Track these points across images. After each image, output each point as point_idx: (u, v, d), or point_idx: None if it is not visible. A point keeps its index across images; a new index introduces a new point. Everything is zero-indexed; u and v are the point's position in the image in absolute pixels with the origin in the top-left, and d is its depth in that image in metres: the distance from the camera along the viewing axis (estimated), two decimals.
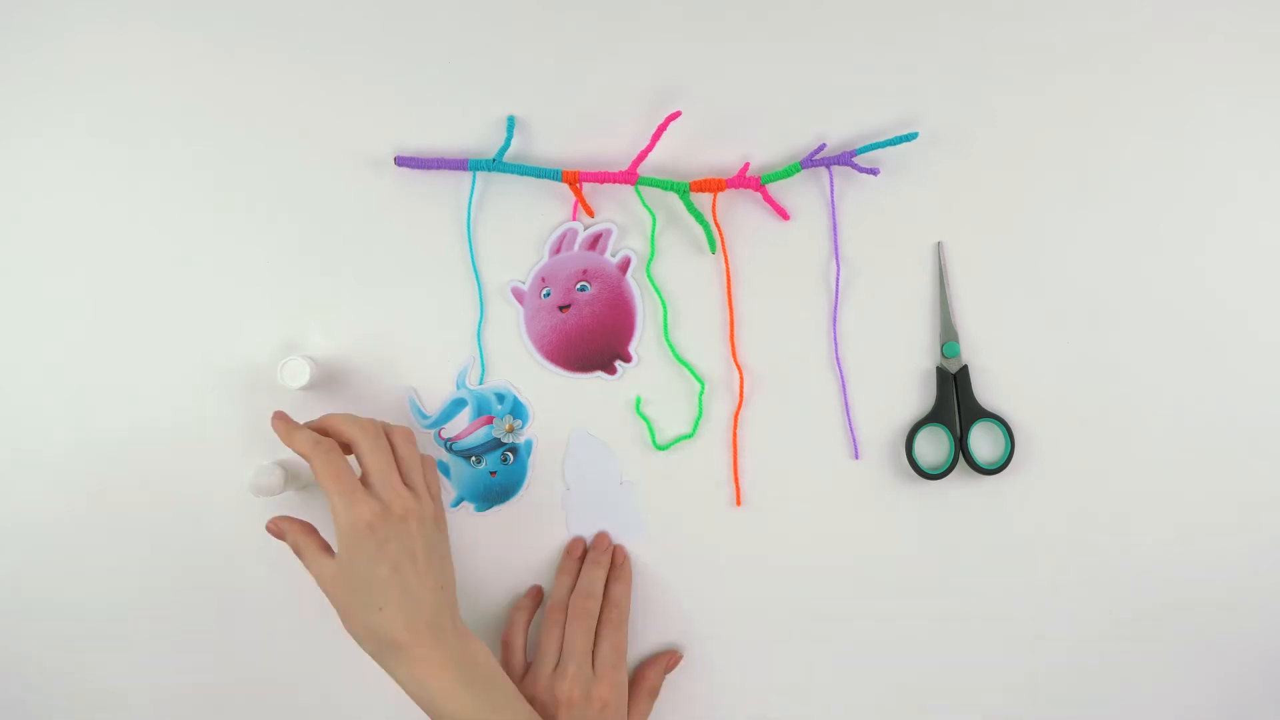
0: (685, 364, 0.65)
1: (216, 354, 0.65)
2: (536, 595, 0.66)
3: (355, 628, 0.56)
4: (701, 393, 0.65)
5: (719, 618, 0.66)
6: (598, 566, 0.64)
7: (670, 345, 0.65)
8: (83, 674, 0.66)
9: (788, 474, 0.66)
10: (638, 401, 0.65)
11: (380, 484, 0.56)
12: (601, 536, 0.66)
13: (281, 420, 0.59)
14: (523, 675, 0.63)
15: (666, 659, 0.65)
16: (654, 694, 0.64)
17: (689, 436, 0.66)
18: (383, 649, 0.55)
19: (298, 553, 0.58)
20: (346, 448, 0.58)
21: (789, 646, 0.66)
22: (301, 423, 0.58)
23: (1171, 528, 0.66)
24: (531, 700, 0.60)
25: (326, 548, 0.57)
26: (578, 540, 0.66)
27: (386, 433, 0.58)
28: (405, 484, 0.57)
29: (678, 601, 0.66)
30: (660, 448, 0.66)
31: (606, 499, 0.66)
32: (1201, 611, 0.67)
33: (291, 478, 0.62)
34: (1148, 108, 0.66)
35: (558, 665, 0.61)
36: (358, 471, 0.56)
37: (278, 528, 0.59)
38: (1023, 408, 0.66)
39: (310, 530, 0.58)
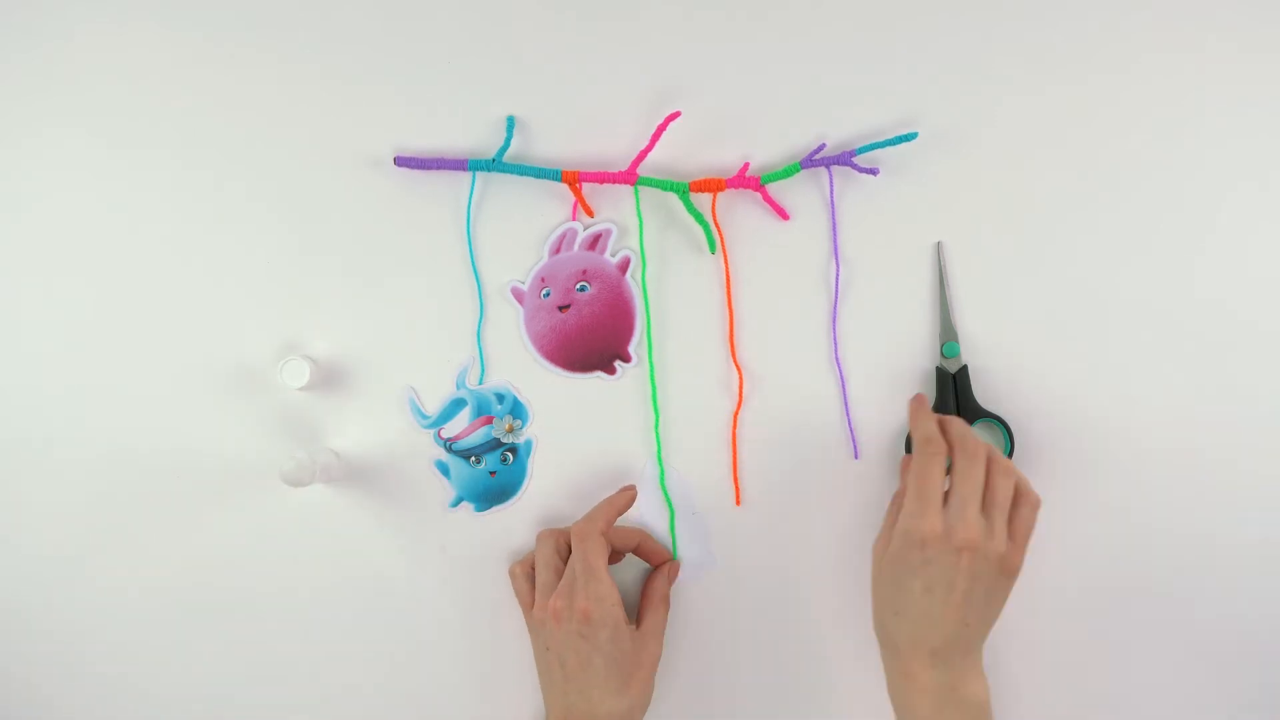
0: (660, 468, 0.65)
1: (217, 354, 0.65)
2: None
3: (874, 615, 0.58)
4: (672, 521, 0.66)
5: (719, 617, 0.66)
6: (661, 575, 0.65)
7: (651, 363, 0.65)
8: (83, 675, 0.66)
9: (788, 474, 0.66)
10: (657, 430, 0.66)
11: (957, 508, 0.56)
12: (675, 565, 0.66)
13: (919, 403, 0.61)
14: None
15: (668, 569, 0.65)
16: (666, 601, 0.64)
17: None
18: (884, 643, 0.58)
19: (892, 503, 0.60)
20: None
21: (789, 646, 0.66)
22: (923, 416, 0.60)
23: (1171, 527, 0.66)
24: (538, 624, 0.60)
25: (884, 533, 0.59)
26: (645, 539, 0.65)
27: (989, 459, 0.58)
28: (985, 516, 0.56)
29: (678, 601, 0.66)
30: (663, 482, 0.66)
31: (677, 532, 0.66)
32: (1202, 611, 0.67)
33: (322, 469, 0.62)
34: (1148, 108, 0.66)
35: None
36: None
37: (908, 469, 0.59)
38: (1022, 408, 0.66)
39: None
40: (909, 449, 0.65)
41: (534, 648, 0.62)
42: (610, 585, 0.59)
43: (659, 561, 0.65)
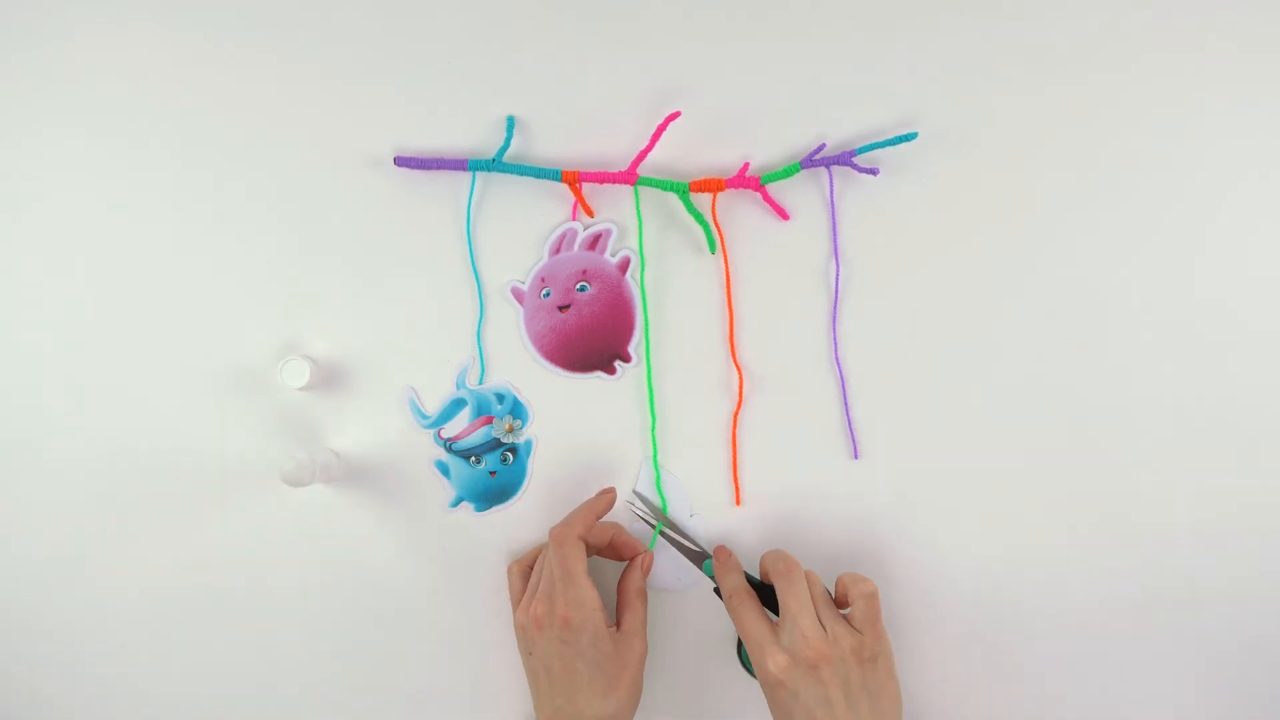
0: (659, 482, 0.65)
1: (217, 354, 0.65)
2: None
3: None
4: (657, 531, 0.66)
5: (718, 617, 0.66)
6: (635, 570, 0.64)
7: (649, 363, 0.65)
8: (83, 675, 0.66)
9: (788, 474, 0.66)
10: (656, 459, 0.66)
11: (793, 624, 0.56)
12: (648, 555, 0.65)
13: (721, 557, 0.62)
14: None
15: (641, 562, 0.64)
16: (642, 595, 0.63)
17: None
18: None
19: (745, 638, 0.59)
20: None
21: None
22: (725, 570, 0.61)
23: (1171, 527, 0.66)
24: (520, 629, 0.61)
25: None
26: (620, 534, 0.65)
27: (805, 574, 0.59)
28: (820, 625, 0.56)
29: (678, 601, 0.66)
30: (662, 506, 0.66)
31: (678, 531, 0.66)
32: (1202, 610, 0.66)
33: (322, 469, 0.62)
34: (1148, 108, 0.66)
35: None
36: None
37: (734, 608, 0.60)
38: (1019, 411, 0.66)
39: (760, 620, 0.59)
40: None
41: (520, 653, 0.62)
42: (590, 589, 0.59)
43: (631, 555, 0.64)
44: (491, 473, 0.66)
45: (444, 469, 0.66)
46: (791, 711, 0.55)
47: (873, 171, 0.64)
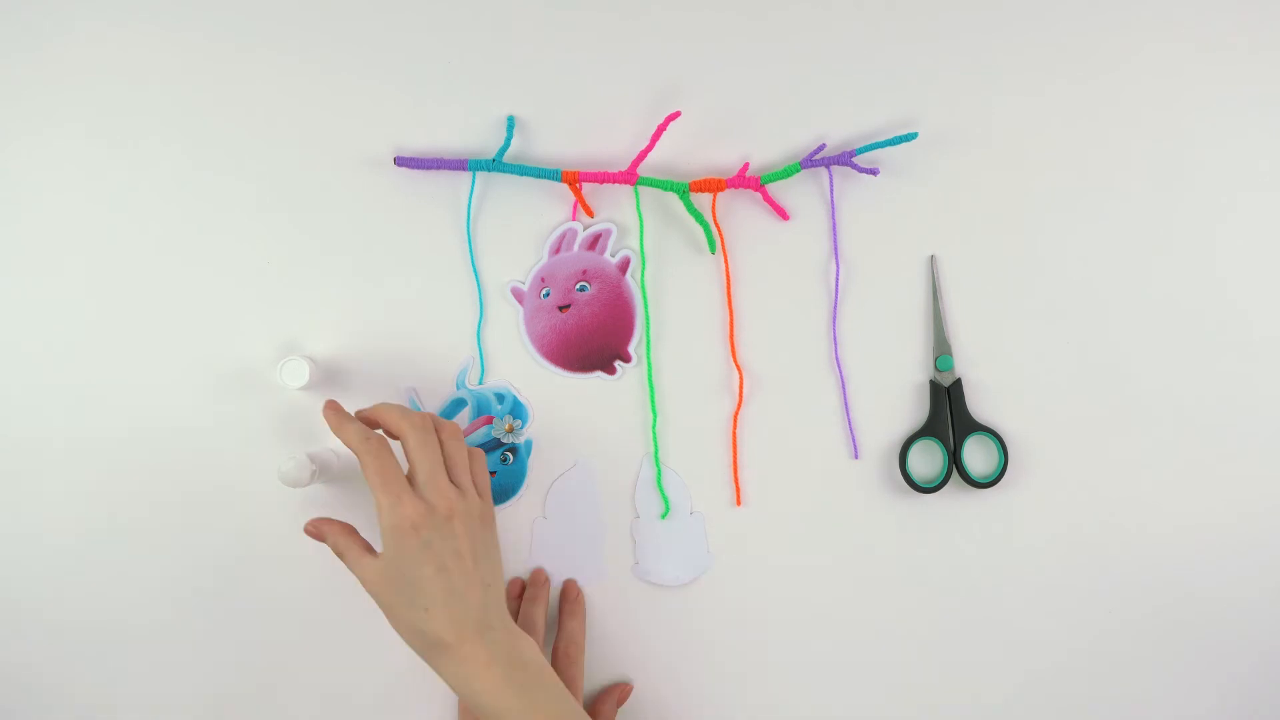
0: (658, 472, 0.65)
1: (216, 354, 0.65)
2: None
3: (401, 628, 0.55)
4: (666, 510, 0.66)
5: (718, 617, 0.66)
6: (535, 603, 0.64)
7: (649, 363, 0.65)
8: (82, 674, 0.65)
9: (788, 474, 0.66)
10: (658, 472, 0.66)
11: (427, 482, 0.55)
12: (537, 572, 0.65)
13: (333, 410, 0.58)
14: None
15: (617, 692, 0.65)
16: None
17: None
18: (429, 648, 0.55)
19: (339, 554, 0.57)
20: (396, 440, 0.57)
21: (788, 646, 0.66)
22: (352, 412, 0.58)
23: (1165, 539, 0.66)
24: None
25: (369, 548, 0.57)
26: (515, 580, 0.65)
27: (435, 428, 0.58)
28: (452, 481, 0.57)
29: (679, 600, 0.66)
30: (662, 498, 0.66)
31: (673, 530, 0.66)
32: (1197, 622, 0.66)
33: (321, 469, 0.62)
34: (1148, 108, 0.66)
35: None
36: (404, 467, 0.56)
37: (317, 529, 0.58)
38: (1016, 420, 0.66)
39: (350, 531, 0.58)
40: (904, 463, 0.65)
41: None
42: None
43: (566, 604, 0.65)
44: (491, 473, 0.66)
45: None
46: (421, 564, 0.54)
47: (873, 171, 0.64)
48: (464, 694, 0.55)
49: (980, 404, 0.66)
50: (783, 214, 0.66)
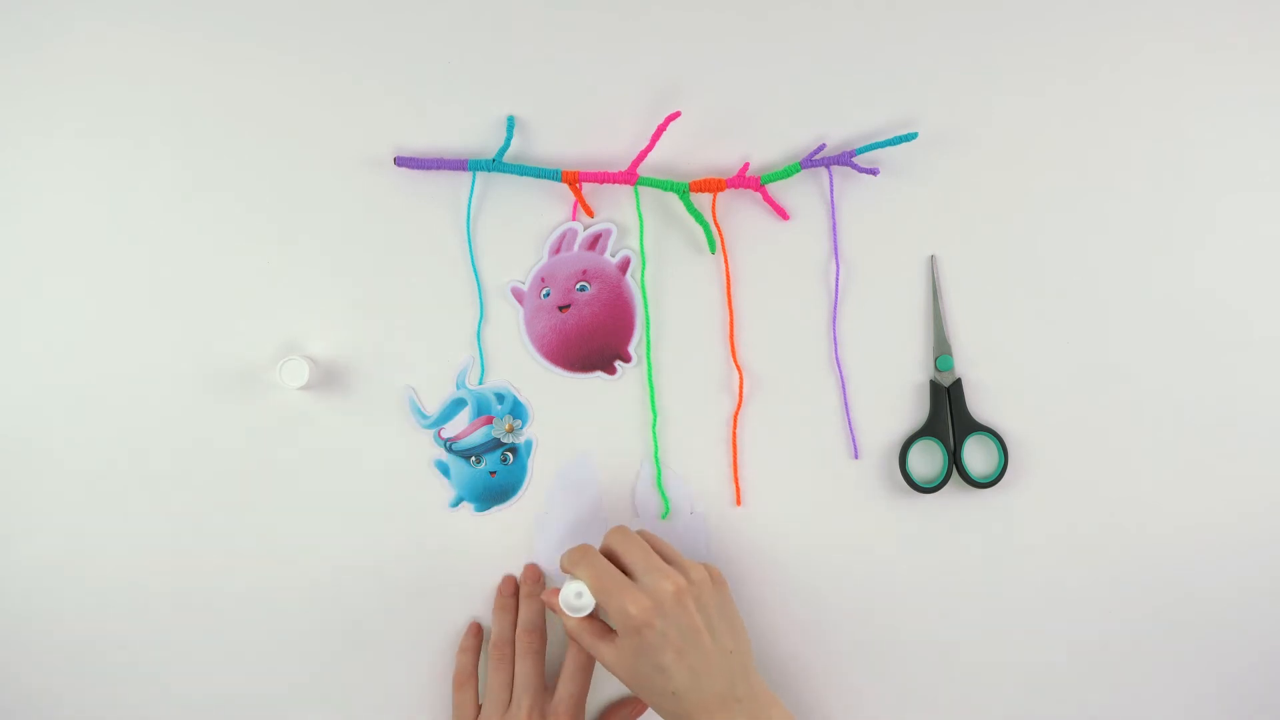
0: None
1: (216, 354, 0.65)
2: (477, 633, 0.65)
3: (649, 702, 0.56)
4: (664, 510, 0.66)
5: None
6: (533, 599, 0.64)
7: (649, 363, 0.65)
8: (81, 674, 0.65)
9: (788, 474, 0.66)
10: (658, 473, 0.66)
11: (645, 571, 0.56)
12: (530, 568, 0.65)
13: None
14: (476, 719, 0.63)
15: (629, 708, 0.65)
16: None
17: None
18: None
19: (574, 637, 0.58)
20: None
21: (788, 646, 0.66)
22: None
23: (1165, 539, 0.66)
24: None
25: (606, 632, 0.58)
26: (509, 578, 0.65)
27: (624, 532, 0.59)
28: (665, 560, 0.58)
29: None
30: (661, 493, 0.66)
31: (674, 530, 0.66)
32: (1197, 622, 0.66)
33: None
34: (1148, 107, 0.66)
35: (510, 704, 0.61)
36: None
37: (552, 604, 0.59)
38: (1016, 420, 0.66)
39: (588, 620, 0.58)
40: (904, 463, 0.65)
41: None
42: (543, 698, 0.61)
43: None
44: (491, 473, 0.66)
45: (444, 469, 0.66)
46: (659, 653, 0.54)
47: (873, 171, 0.64)
48: None
49: (980, 404, 0.66)
50: (783, 214, 0.66)
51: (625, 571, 0.57)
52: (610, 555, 0.58)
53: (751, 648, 0.58)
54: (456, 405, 0.66)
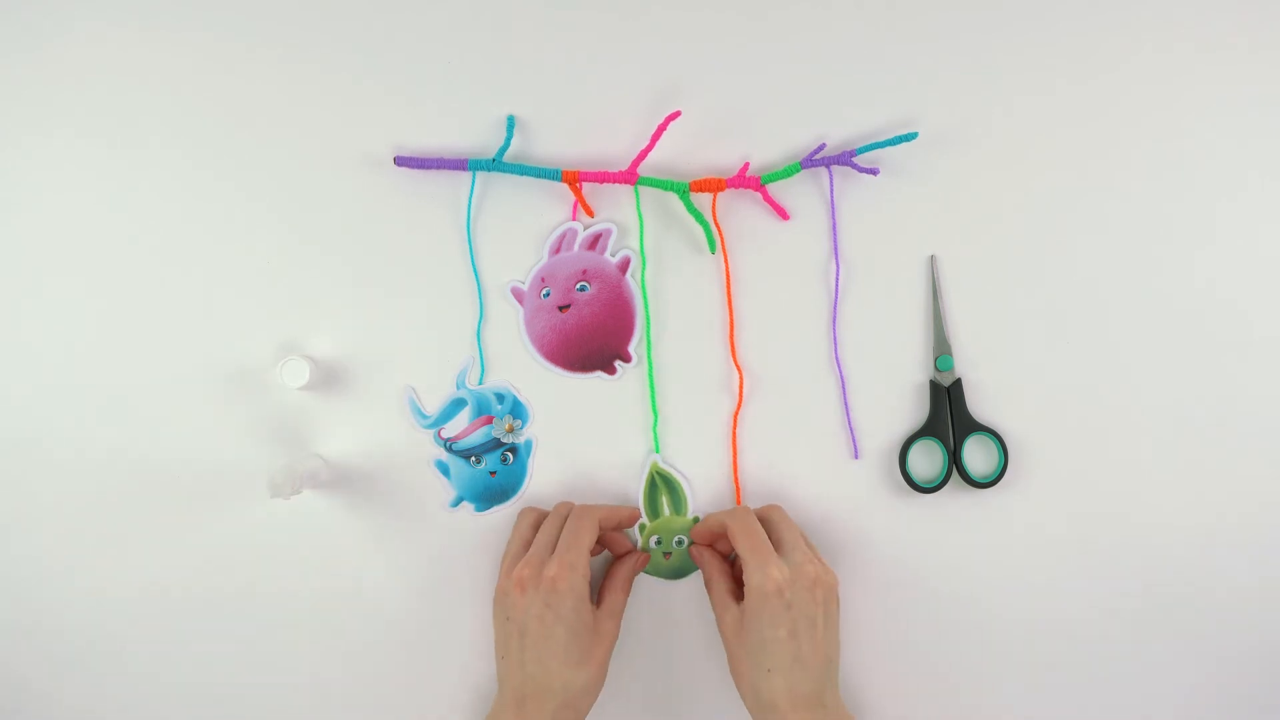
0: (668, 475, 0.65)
1: (216, 354, 0.65)
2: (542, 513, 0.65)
3: (741, 682, 0.58)
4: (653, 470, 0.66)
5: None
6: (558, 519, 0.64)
7: (650, 363, 0.65)
8: (80, 674, 0.66)
9: (788, 474, 0.66)
10: (658, 472, 0.66)
11: (793, 550, 0.59)
12: (561, 505, 0.65)
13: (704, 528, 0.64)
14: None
15: (635, 559, 0.65)
16: (628, 585, 0.64)
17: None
18: (760, 708, 0.57)
19: (707, 586, 0.62)
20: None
21: None
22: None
23: (1165, 539, 0.66)
24: (501, 593, 0.60)
25: (735, 594, 0.60)
26: (528, 510, 0.65)
27: (774, 511, 0.63)
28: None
29: (678, 599, 0.66)
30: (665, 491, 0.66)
31: None
32: (1196, 621, 0.66)
33: (308, 477, 0.62)
34: (1149, 108, 0.66)
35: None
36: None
37: (699, 555, 0.63)
38: (1016, 420, 0.66)
39: (725, 573, 0.62)
40: (904, 462, 0.65)
41: (495, 621, 0.61)
42: (585, 559, 0.59)
43: (623, 553, 0.65)
44: (491, 473, 0.66)
45: (444, 469, 0.66)
46: (778, 622, 0.56)
47: (873, 171, 0.64)
48: None
49: (980, 404, 0.66)
50: (783, 214, 0.66)
51: (775, 544, 0.59)
52: (765, 525, 0.61)
53: (838, 675, 0.59)
54: (456, 405, 0.66)
